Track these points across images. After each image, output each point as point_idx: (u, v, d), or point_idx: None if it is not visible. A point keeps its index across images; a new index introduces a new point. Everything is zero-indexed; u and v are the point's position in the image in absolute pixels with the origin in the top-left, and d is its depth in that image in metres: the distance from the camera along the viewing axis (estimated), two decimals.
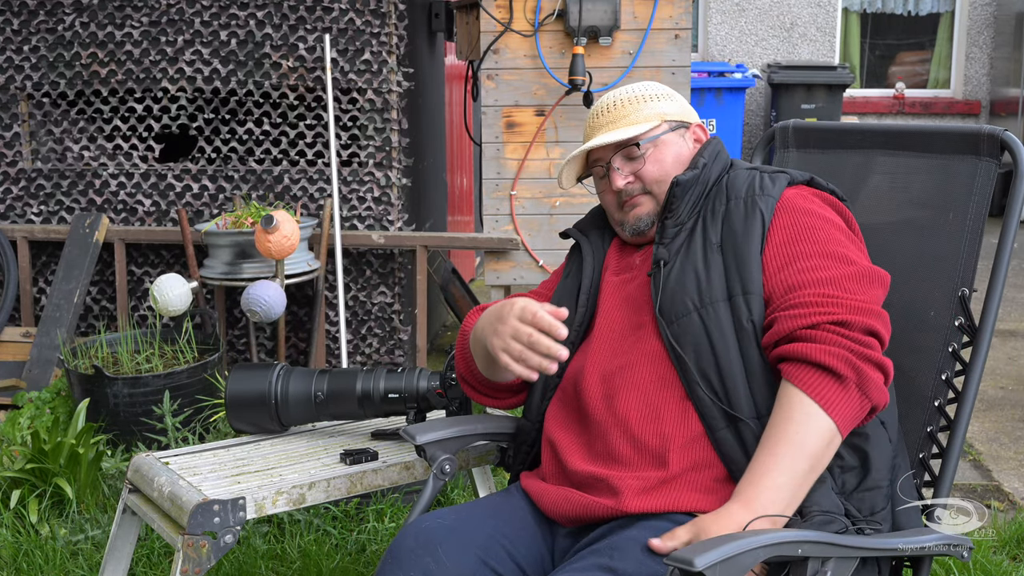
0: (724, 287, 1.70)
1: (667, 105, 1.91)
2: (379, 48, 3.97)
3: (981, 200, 1.80)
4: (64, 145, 4.16)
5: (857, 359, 1.56)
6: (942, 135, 1.90)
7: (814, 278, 1.65)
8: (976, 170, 1.82)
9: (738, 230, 1.74)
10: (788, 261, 1.69)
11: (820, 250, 1.69)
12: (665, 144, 1.88)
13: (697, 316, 1.69)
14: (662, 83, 3.96)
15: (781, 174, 1.83)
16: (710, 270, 1.73)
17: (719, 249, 1.75)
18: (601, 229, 2.00)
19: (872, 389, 1.56)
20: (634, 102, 1.90)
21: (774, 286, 1.67)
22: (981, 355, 1.74)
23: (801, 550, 1.43)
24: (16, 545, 2.79)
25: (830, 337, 1.57)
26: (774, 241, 1.73)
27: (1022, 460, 3.56)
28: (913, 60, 9.53)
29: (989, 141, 1.80)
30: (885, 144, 1.99)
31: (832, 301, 1.61)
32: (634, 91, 1.93)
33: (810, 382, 1.55)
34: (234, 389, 2.17)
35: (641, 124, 1.87)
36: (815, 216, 1.75)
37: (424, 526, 1.67)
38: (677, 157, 1.88)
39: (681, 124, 1.91)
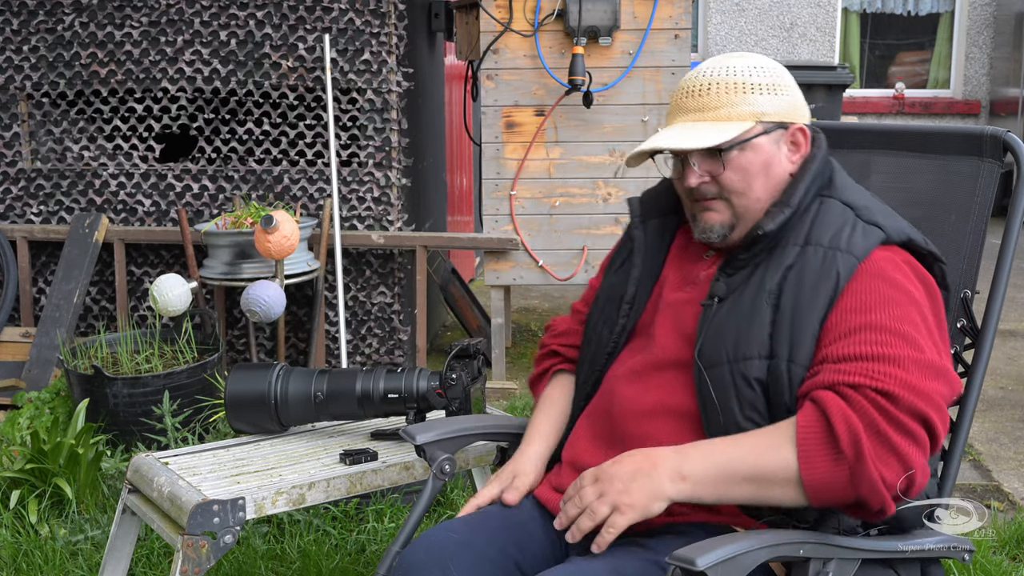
0: (767, 344, 1.54)
1: (768, 101, 1.64)
2: (379, 48, 3.96)
3: (984, 201, 1.80)
4: (64, 145, 4.16)
5: (872, 442, 1.39)
6: (944, 136, 1.90)
7: (874, 352, 1.46)
8: (979, 171, 1.82)
9: (806, 287, 1.54)
10: (851, 331, 1.50)
11: (890, 327, 1.50)
12: (754, 150, 1.64)
13: (728, 370, 1.54)
14: (662, 83, 3.99)
15: (875, 229, 1.59)
16: (753, 322, 1.55)
17: (773, 298, 1.56)
18: (665, 216, 1.81)
19: (864, 483, 1.39)
20: (730, 90, 1.64)
21: (828, 353, 1.50)
22: (983, 357, 1.74)
23: (803, 551, 1.43)
24: (16, 545, 2.79)
25: (861, 403, 1.41)
26: (842, 307, 1.53)
27: (1022, 460, 3.56)
28: (913, 60, 9.54)
29: (992, 142, 1.80)
30: (887, 144, 1.99)
31: (886, 374, 1.43)
32: (734, 73, 1.65)
33: (808, 431, 1.43)
34: (234, 389, 2.17)
35: (732, 123, 1.63)
36: (897, 288, 1.55)
37: (436, 540, 1.64)
38: (765, 167, 1.64)
39: (779, 125, 1.65)
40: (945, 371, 1.50)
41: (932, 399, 1.44)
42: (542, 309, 5.58)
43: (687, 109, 1.67)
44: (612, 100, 3.97)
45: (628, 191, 4.02)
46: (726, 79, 1.65)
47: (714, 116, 1.64)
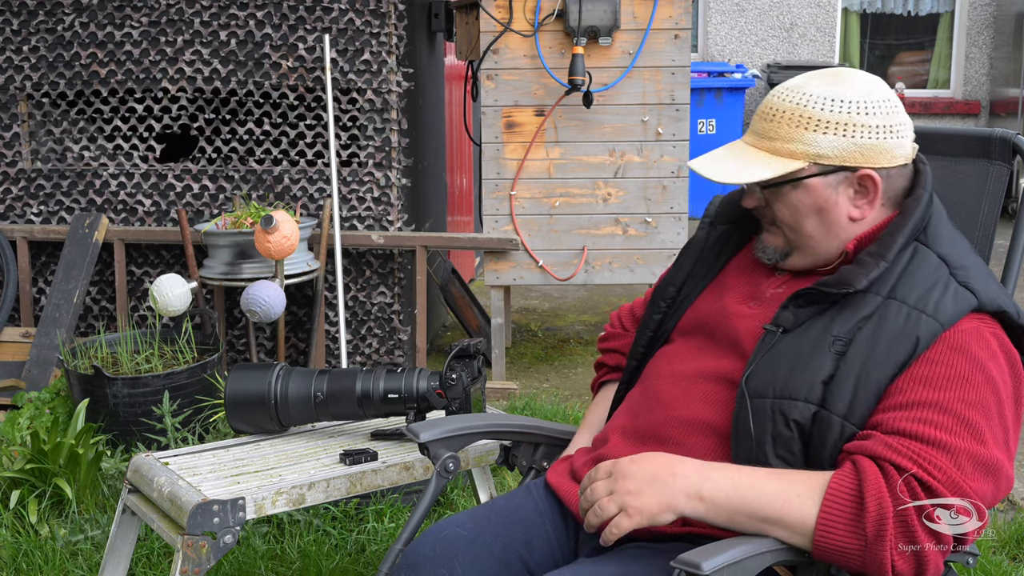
0: (819, 392, 1.46)
1: (831, 142, 1.52)
2: (379, 48, 3.97)
3: (992, 203, 1.80)
4: (64, 145, 4.16)
5: (897, 532, 1.35)
6: (953, 138, 1.89)
7: (931, 436, 1.39)
8: (988, 173, 1.82)
9: (881, 345, 1.46)
10: (914, 404, 1.42)
11: (957, 411, 1.41)
12: (806, 190, 1.55)
13: (770, 405, 1.49)
14: (662, 83, 3.99)
15: (968, 294, 1.49)
16: (809, 365, 1.48)
17: (840, 345, 1.47)
18: (736, 223, 1.76)
19: (874, 567, 1.36)
20: (794, 122, 1.54)
21: (883, 420, 1.43)
22: None
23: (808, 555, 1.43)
24: (16, 545, 2.79)
25: (900, 488, 1.36)
26: (912, 373, 1.44)
27: (1021, 460, 3.56)
28: (913, 60, 9.54)
29: (1001, 144, 1.80)
30: None
31: (935, 465, 1.37)
32: (807, 105, 1.54)
33: (837, 497, 1.38)
34: (234, 389, 2.17)
35: (782, 160, 1.55)
36: (977, 367, 1.44)
37: (442, 535, 1.64)
38: (818, 210, 1.56)
39: (840, 168, 1.54)
40: (999, 470, 1.42)
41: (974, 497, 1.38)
42: (542, 309, 5.58)
43: (754, 130, 1.61)
44: (612, 100, 3.98)
45: (628, 191, 4.02)
46: (793, 109, 1.55)
47: (769, 148, 1.57)
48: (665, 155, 4.02)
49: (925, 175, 1.60)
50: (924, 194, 1.57)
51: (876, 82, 1.57)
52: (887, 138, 1.54)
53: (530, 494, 1.76)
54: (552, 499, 1.73)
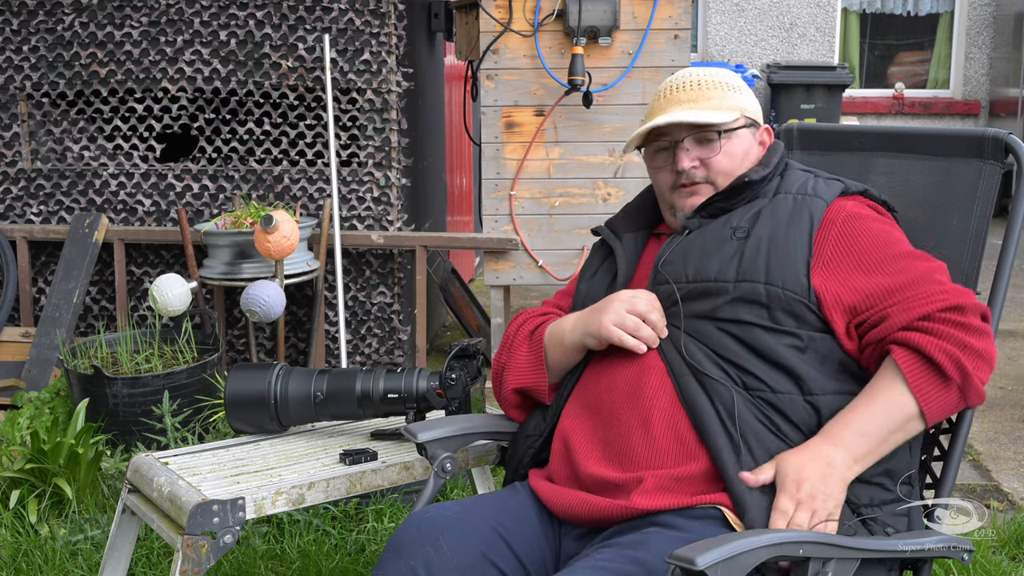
0: (732, 270, 1.70)
1: (747, 100, 1.88)
2: (378, 48, 3.97)
3: (985, 203, 1.81)
4: (64, 145, 4.16)
5: (968, 357, 1.58)
6: (946, 138, 1.90)
7: (909, 278, 1.65)
8: (980, 173, 1.83)
9: (780, 221, 1.73)
10: (873, 267, 1.68)
11: (899, 251, 1.70)
12: (739, 138, 1.84)
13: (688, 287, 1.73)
14: None
15: (835, 181, 1.81)
16: (716, 251, 1.73)
17: (742, 232, 1.73)
18: (636, 231, 1.97)
19: (972, 392, 1.60)
20: (718, 87, 1.86)
21: (867, 293, 1.66)
22: None
23: (802, 550, 1.44)
24: (15, 545, 2.79)
25: (946, 331, 1.59)
26: (838, 250, 1.70)
27: (1021, 460, 3.56)
28: (912, 60, 9.54)
29: (993, 144, 1.81)
30: (889, 146, 1.99)
31: (940, 291, 1.62)
32: (717, 75, 1.88)
33: (915, 372, 1.58)
34: (233, 389, 2.17)
35: (723, 112, 1.83)
36: (879, 222, 1.76)
37: (427, 516, 1.67)
38: (746, 154, 1.85)
39: (755, 123, 1.88)
40: (943, 266, 1.71)
41: (969, 292, 1.64)
42: None
43: (679, 100, 1.85)
44: (612, 100, 3.98)
45: (628, 191, 4.02)
46: (712, 78, 1.87)
47: (708, 105, 1.83)
48: None
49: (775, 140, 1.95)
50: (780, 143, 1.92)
51: None
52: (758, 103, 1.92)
53: (516, 490, 1.80)
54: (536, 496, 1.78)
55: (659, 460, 1.63)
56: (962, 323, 1.60)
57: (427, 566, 1.58)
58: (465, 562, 1.60)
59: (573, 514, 1.69)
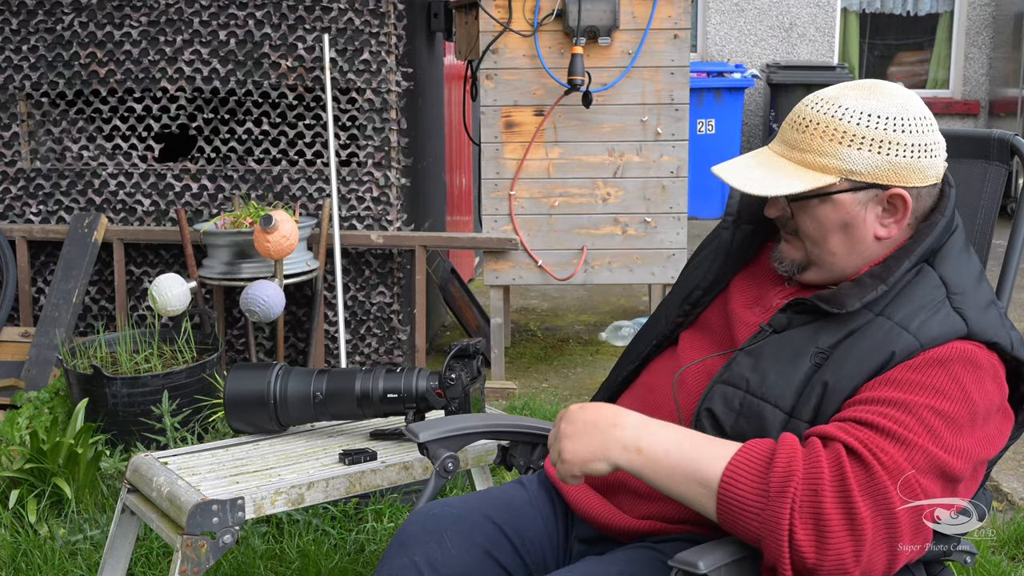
0: (792, 399, 1.44)
1: (865, 158, 1.46)
2: (378, 48, 3.96)
3: (990, 204, 1.80)
4: (63, 145, 4.15)
5: (804, 496, 1.28)
6: (951, 139, 1.89)
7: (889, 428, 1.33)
8: (986, 174, 1.82)
9: (853, 358, 1.42)
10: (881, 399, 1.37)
11: (924, 415, 1.34)
12: (834, 205, 1.50)
13: (744, 398, 1.48)
14: (661, 83, 3.99)
15: (959, 319, 1.43)
16: (787, 372, 1.46)
17: (818, 358, 1.45)
18: (759, 224, 1.70)
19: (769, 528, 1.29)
20: (827, 136, 1.47)
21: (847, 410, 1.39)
22: None
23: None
24: (15, 545, 2.79)
25: (818, 458, 1.31)
26: (886, 376, 1.39)
27: (1020, 460, 3.56)
28: (912, 60, 9.54)
29: (999, 145, 1.80)
30: None
31: (879, 447, 1.31)
32: (842, 118, 1.47)
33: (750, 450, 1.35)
34: (233, 389, 2.17)
35: (812, 173, 1.49)
36: (956, 382, 1.37)
37: (431, 512, 1.67)
38: (844, 226, 1.50)
39: (872, 186, 1.48)
40: (957, 481, 1.35)
41: (917, 496, 1.29)
42: (541, 309, 5.58)
43: (784, 140, 1.54)
44: (611, 100, 3.98)
45: (628, 191, 4.03)
46: (828, 121, 1.48)
47: (799, 160, 1.50)
48: (664, 155, 4.02)
49: (948, 198, 1.54)
50: (941, 219, 1.51)
51: (913, 98, 1.51)
52: (921, 157, 1.48)
53: (523, 486, 1.78)
54: (544, 493, 1.75)
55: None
56: (844, 479, 1.28)
57: (430, 562, 1.58)
58: (468, 558, 1.60)
59: (590, 516, 1.66)
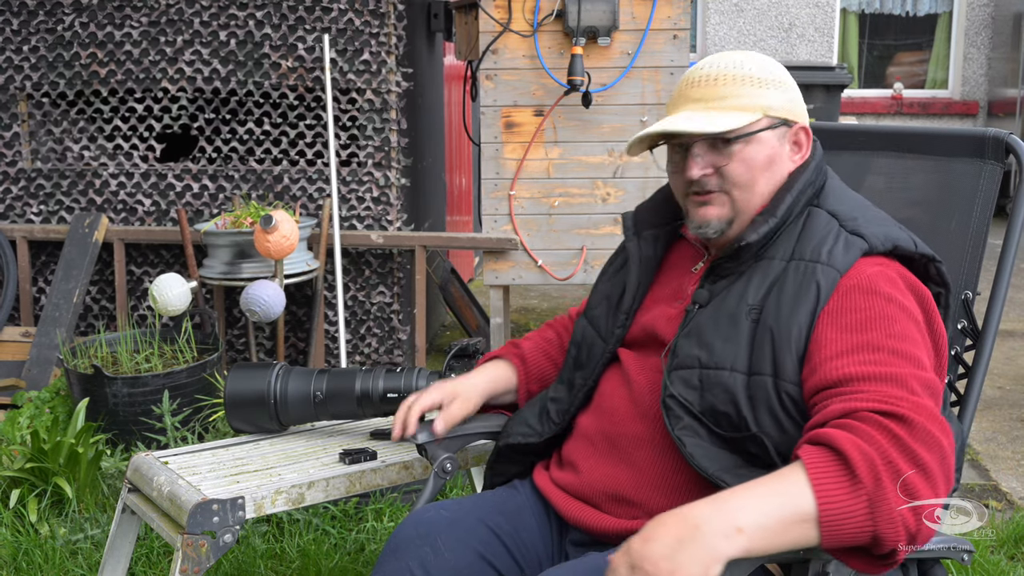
0: (746, 359, 1.50)
1: (773, 95, 1.61)
2: (378, 48, 3.97)
3: (985, 203, 1.80)
4: (64, 145, 4.16)
5: (888, 471, 1.26)
6: (947, 138, 1.90)
7: (877, 372, 1.39)
8: (980, 173, 1.82)
9: (785, 302, 1.50)
10: (847, 350, 1.43)
11: (889, 344, 1.43)
12: (759, 143, 1.60)
13: (697, 375, 1.53)
14: (661, 84, 3.99)
15: (858, 239, 1.54)
16: (731, 336, 1.52)
17: (755, 313, 1.52)
18: (659, 227, 1.78)
19: (883, 516, 1.25)
20: (738, 82, 1.60)
21: (825, 375, 1.42)
22: (984, 358, 1.74)
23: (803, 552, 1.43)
24: (16, 544, 2.79)
25: (870, 433, 1.30)
26: (834, 323, 1.47)
27: (1019, 460, 3.57)
28: (911, 60, 9.54)
29: (994, 144, 1.80)
30: (889, 146, 1.99)
31: (898, 398, 1.34)
32: (741, 67, 1.62)
33: (818, 464, 1.28)
34: (233, 389, 2.17)
35: (738, 113, 1.59)
36: (890, 302, 1.48)
37: (425, 517, 1.67)
38: (769, 161, 1.61)
39: (783, 122, 1.62)
40: (938, 393, 1.43)
41: (943, 423, 1.33)
42: (541, 309, 5.59)
43: (692, 98, 1.63)
44: (611, 100, 3.98)
45: (627, 191, 4.03)
46: (734, 72, 1.61)
47: (721, 106, 1.60)
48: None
49: (816, 143, 1.68)
50: (813, 160, 1.64)
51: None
52: (799, 96, 1.66)
53: (516, 490, 1.78)
54: (536, 496, 1.76)
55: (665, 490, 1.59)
56: (897, 437, 1.29)
57: (424, 566, 1.58)
58: (462, 563, 1.60)
59: (582, 524, 1.66)
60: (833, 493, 1.26)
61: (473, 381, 1.90)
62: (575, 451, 1.73)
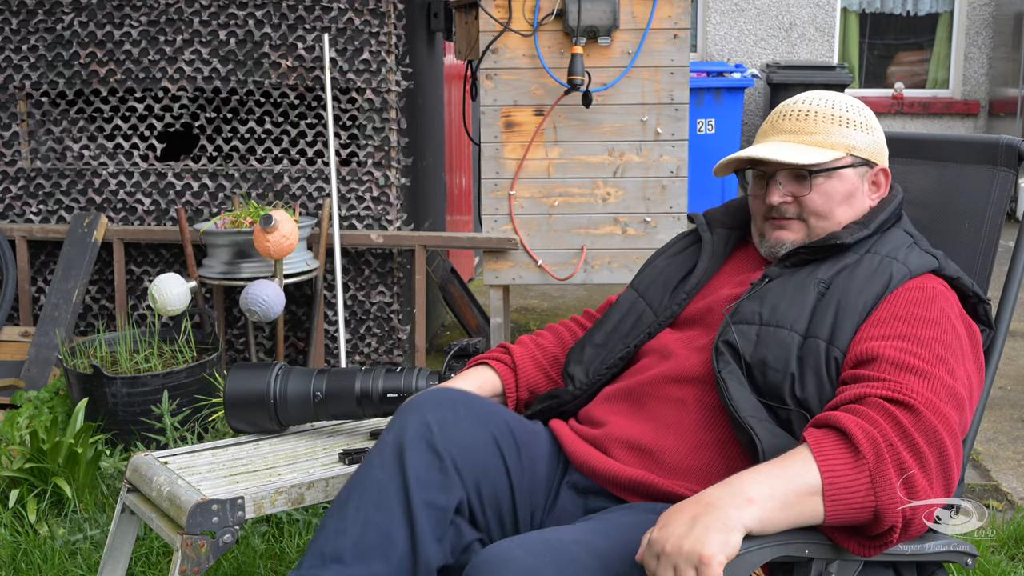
0: (805, 323, 1.59)
1: (860, 137, 1.74)
2: (378, 48, 3.97)
3: (997, 209, 1.84)
4: (63, 144, 4.16)
5: (890, 451, 1.34)
6: (960, 144, 1.94)
7: (911, 364, 1.46)
8: (993, 179, 1.85)
9: (857, 280, 1.61)
10: (892, 335, 1.51)
11: (934, 347, 1.50)
12: (840, 178, 1.73)
13: (756, 330, 1.61)
14: (661, 83, 3.99)
15: (931, 258, 1.67)
16: (795, 300, 1.62)
17: (822, 286, 1.62)
18: (731, 229, 1.90)
19: (884, 493, 1.33)
20: (828, 120, 1.73)
21: (863, 350, 1.51)
22: (994, 359, 1.75)
23: (808, 550, 1.43)
24: (15, 545, 2.79)
25: (874, 416, 1.38)
26: (890, 309, 1.57)
27: (1020, 460, 3.57)
28: (912, 60, 9.53)
29: (1007, 151, 1.85)
30: (901, 152, 2.00)
31: (911, 388, 1.41)
32: (833, 106, 1.75)
33: (821, 440, 1.37)
34: (233, 388, 2.17)
35: (825, 150, 1.72)
36: (946, 317, 1.57)
37: (448, 390, 1.74)
38: (848, 197, 1.73)
39: (866, 163, 1.75)
40: (964, 407, 1.47)
41: (952, 424, 1.39)
42: (541, 308, 5.58)
43: (783, 130, 1.76)
44: (611, 100, 3.98)
45: (627, 191, 4.03)
46: (824, 109, 1.74)
47: (809, 140, 1.73)
48: (664, 155, 4.02)
49: (896, 185, 1.83)
50: (897, 195, 1.79)
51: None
52: (884, 141, 1.80)
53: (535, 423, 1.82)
54: (549, 434, 1.79)
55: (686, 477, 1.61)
56: (900, 423, 1.36)
57: (441, 424, 1.61)
58: (477, 435, 1.63)
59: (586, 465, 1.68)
60: (837, 466, 1.34)
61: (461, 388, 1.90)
62: (598, 411, 1.77)
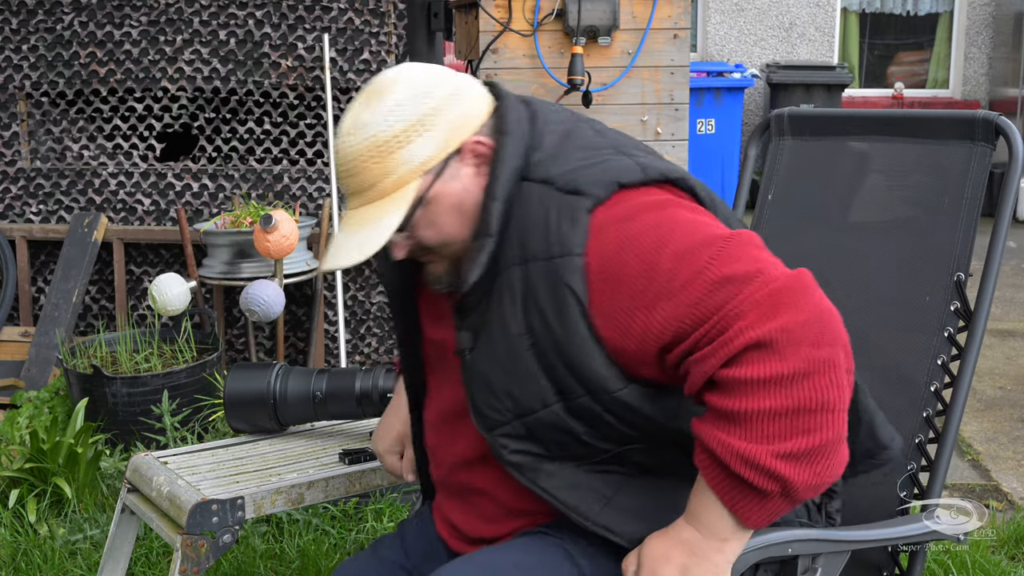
0: (552, 389, 1.36)
1: (423, 143, 1.37)
2: (378, 48, 3.97)
3: (976, 185, 1.81)
4: (63, 144, 4.16)
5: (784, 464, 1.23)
6: (937, 121, 1.91)
7: (690, 298, 1.26)
8: (971, 155, 1.83)
9: (552, 320, 1.33)
10: (650, 300, 1.29)
11: (673, 251, 1.28)
12: (436, 200, 1.39)
13: (521, 424, 1.41)
14: (661, 83, 3.99)
15: (579, 199, 1.33)
16: (516, 371, 1.38)
17: (527, 341, 1.36)
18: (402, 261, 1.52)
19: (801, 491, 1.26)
20: (376, 156, 1.36)
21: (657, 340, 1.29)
22: (977, 337, 1.74)
23: (791, 549, 1.42)
24: (15, 545, 2.79)
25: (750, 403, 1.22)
26: (613, 307, 1.31)
27: (1020, 460, 3.57)
28: (912, 60, 9.54)
29: (984, 126, 1.82)
30: (880, 130, 1.99)
31: (732, 314, 1.23)
32: (375, 133, 1.36)
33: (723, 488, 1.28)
34: (233, 388, 2.17)
35: (393, 199, 1.37)
36: (644, 216, 1.33)
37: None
38: (457, 207, 1.40)
39: (448, 157, 1.39)
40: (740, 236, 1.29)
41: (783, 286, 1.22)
42: None
43: (349, 193, 1.41)
44: (611, 100, 3.98)
45: None
46: (366, 144, 1.36)
47: (373, 195, 1.38)
48: (664, 155, 4.00)
49: (504, 113, 1.42)
50: (506, 139, 1.39)
51: (410, 67, 1.42)
52: (456, 105, 1.39)
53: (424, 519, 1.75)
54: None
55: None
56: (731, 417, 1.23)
57: None
58: None
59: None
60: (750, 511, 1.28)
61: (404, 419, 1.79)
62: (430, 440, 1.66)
